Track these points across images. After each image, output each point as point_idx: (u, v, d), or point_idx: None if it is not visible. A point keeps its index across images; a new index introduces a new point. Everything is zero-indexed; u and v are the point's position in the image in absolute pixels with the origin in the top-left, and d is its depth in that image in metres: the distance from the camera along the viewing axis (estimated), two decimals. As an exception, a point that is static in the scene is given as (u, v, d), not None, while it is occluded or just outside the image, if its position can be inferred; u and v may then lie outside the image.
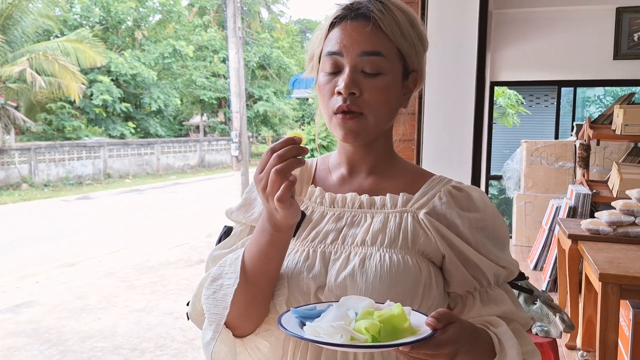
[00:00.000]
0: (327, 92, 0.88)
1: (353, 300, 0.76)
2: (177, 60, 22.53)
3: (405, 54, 0.90)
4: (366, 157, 0.95)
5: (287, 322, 0.74)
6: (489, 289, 0.90)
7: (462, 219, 0.88)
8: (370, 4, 0.88)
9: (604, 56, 5.68)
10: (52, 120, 18.90)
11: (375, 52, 0.86)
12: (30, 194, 14.51)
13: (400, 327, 0.69)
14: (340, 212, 0.92)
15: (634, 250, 2.82)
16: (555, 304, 2.19)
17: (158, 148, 20.47)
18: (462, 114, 2.38)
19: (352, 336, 0.68)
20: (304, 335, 0.70)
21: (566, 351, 3.21)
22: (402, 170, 0.97)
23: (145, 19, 23.23)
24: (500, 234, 0.92)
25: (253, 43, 23.43)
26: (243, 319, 0.87)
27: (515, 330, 0.87)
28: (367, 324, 0.68)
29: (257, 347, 0.89)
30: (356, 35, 0.86)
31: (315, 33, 0.95)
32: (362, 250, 0.87)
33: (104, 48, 18.46)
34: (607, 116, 4.38)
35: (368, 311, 0.71)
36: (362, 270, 0.84)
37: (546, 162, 5.77)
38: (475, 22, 2.34)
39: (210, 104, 24.47)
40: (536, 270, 4.94)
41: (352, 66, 0.86)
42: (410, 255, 0.86)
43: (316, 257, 0.88)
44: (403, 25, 0.88)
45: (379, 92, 0.87)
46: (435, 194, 0.91)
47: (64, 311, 5.43)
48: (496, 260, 0.89)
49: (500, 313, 0.88)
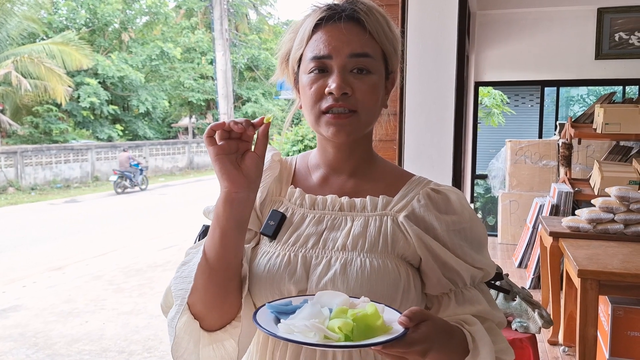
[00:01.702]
0: (315, 92, 0.88)
1: (328, 296, 0.77)
2: (164, 62, 22.45)
3: (388, 55, 0.92)
4: (347, 158, 0.95)
5: (262, 317, 0.74)
6: (464, 290, 0.91)
7: (439, 222, 0.89)
8: (353, 5, 0.89)
9: (586, 56, 5.76)
10: (38, 123, 18.76)
11: (364, 54, 0.87)
12: (17, 198, 14.39)
13: (373, 325, 0.70)
14: (320, 215, 0.92)
15: (612, 247, 2.88)
16: (534, 300, 2.23)
17: (146, 150, 20.38)
18: (442, 114, 2.41)
19: (325, 335, 0.68)
20: (277, 333, 0.70)
21: (548, 347, 3.26)
22: (382, 171, 0.98)
23: (132, 21, 23.14)
24: (478, 236, 0.92)
25: (241, 45, 23.39)
26: (207, 308, 0.87)
27: (489, 328, 0.89)
28: (340, 322, 0.69)
29: (222, 345, 0.89)
30: (344, 38, 0.87)
31: (289, 35, 0.94)
32: (343, 255, 0.87)
33: (90, 50, 18.38)
34: (588, 115, 4.45)
35: (342, 309, 0.72)
36: (343, 276, 0.85)
37: (530, 161, 5.83)
38: (455, 23, 2.38)
39: (198, 105, 24.40)
40: (521, 267, 5.00)
41: (341, 67, 0.86)
42: (390, 260, 0.87)
43: (297, 262, 0.88)
44: (385, 27, 0.90)
45: (369, 91, 0.88)
46: (414, 196, 0.92)
47: (51, 315, 5.41)
48: (472, 263, 0.90)
49: (475, 312, 0.89)
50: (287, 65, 0.96)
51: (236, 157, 0.82)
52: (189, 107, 24.74)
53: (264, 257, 0.91)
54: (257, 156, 0.83)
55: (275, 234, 0.92)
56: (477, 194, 7.32)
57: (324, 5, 0.91)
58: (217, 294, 0.86)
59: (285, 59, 0.96)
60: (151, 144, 20.93)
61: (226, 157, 0.81)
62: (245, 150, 0.83)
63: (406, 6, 2.33)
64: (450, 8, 2.37)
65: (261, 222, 0.95)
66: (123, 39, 22.44)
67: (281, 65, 0.97)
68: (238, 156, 0.82)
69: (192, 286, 0.85)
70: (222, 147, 0.81)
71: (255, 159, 0.83)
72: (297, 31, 0.93)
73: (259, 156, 0.84)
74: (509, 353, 0.90)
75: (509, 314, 2.21)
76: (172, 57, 22.32)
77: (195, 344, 0.88)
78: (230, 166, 0.81)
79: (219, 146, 0.81)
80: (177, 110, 25.57)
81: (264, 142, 0.84)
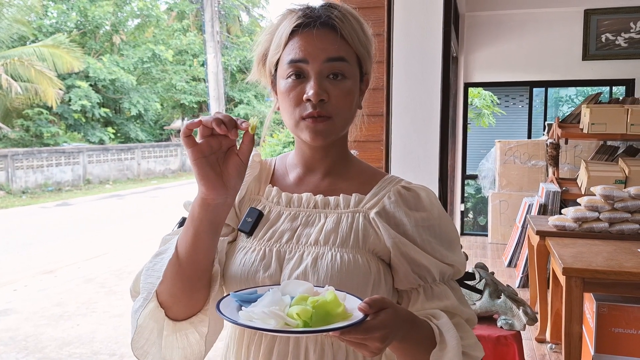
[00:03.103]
0: (294, 99, 0.90)
1: (293, 285, 0.79)
2: (156, 64, 22.39)
3: (362, 59, 0.94)
4: (323, 159, 0.98)
5: (225, 306, 0.76)
6: (433, 285, 0.93)
7: (408, 218, 0.92)
8: (328, 12, 0.91)
9: (573, 57, 5.83)
10: (29, 127, 18.64)
11: (339, 58, 0.90)
12: (8, 202, 14.30)
13: (333, 312, 0.71)
14: (295, 212, 0.95)
15: (597, 245, 2.92)
16: (519, 297, 2.26)
17: (139, 153, 20.31)
18: (428, 115, 2.44)
19: (285, 322, 0.70)
20: (237, 320, 0.72)
21: (536, 344, 3.30)
22: (356, 170, 1.01)
23: (124, 23, 23.06)
24: (447, 232, 0.95)
25: (233, 47, 23.38)
26: (173, 299, 0.88)
27: (457, 324, 0.90)
28: (299, 309, 0.70)
29: (186, 336, 0.91)
30: (320, 44, 0.89)
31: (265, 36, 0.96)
32: (315, 249, 0.90)
33: (81, 53, 18.28)
34: (575, 115, 4.50)
35: (302, 297, 0.74)
36: (314, 269, 0.88)
37: (519, 161, 5.89)
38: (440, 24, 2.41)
39: (191, 107, 24.36)
40: (510, 267, 5.05)
41: (317, 72, 0.89)
42: (361, 254, 0.90)
43: (272, 256, 0.91)
44: (358, 31, 0.93)
45: (344, 96, 0.91)
46: (386, 194, 0.95)
47: (41, 318, 5.39)
48: (442, 259, 0.92)
49: (443, 307, 0.91)
50: (263, 66, 0.98)
51: (217, 158, 0.81)
52: (181, 110, 24.69)
53: (240, 252, 0.94)
54: (241, 162, 0.82)
55: (252, 231, 0.95)
56: (467, 194, 7.37)
57: (299, 9, 0.93)
58: (184, 288, 0.88)
59: (261, 59, 0.98)
60: (143, 147, 20.85)
61: (205, 160, 0.79)
62: (229, 147, 0.82)
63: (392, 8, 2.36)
64: (435, 10, 2.40)
65: (239, 219, 0.98)
66: (114, 41, 22.36)
67: (257, 65, 0.99)
68: (220, 156, 0.81)
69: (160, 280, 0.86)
70: (202, 148, 0.79)
71: (238, 166, 0.82)
72: (274, 33, 0.95)
73: (243, 162, 0.82)
74: (477, 349, 0.92)
75: (494, 312, 2.25)
76: (163, 59, 22.26)
77: (159, 332, 0.89)
78: (210, 171, 0.80)
79: (199, 147, 0.78)
80: (169, 113, 25.51)
81: (249, 147, 0.83)
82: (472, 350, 0.90)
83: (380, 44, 2.29)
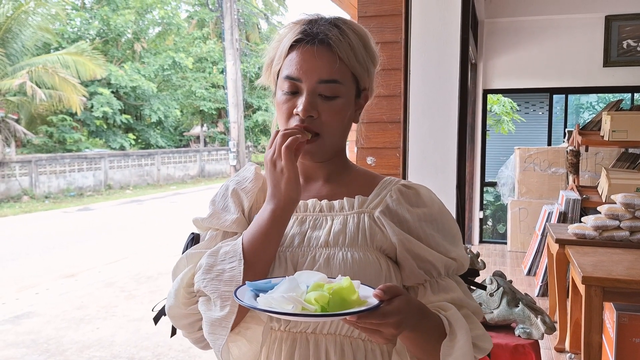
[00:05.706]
0: (286, 111, 0.95)
1: (306, 275, 0.81)
2: (176, 72, 22.67)
3: (359, 77, 0.98)
4: (322, 168, 1.02)
5: (242, 295, 0.78)
6: (439, 279, 0.95)
7: (411, 214, 0.95)
8: (327, 30, 0.94)
9: (594, 63, 5.76)
10: (52, 133, 19.00)
11: (332, 80, 0.93)
12: (31, 206, 14.56)
13: (348, 298, 0.73)
14: (302, 217, 0.98)
15: (618, 254, 2.87)
16: (537, 306, 2.24)
17: (158, 159, 20.55)
18: (446, 122, 2.44)
19: (302, 307, 0.72)
20: (256, 305, 0.74)
21: (555, 354, 3.26)
22: (355, 176, 1.04)
23: (145, 31, 23.41)
24: (449, 227, 0.98)
25: (252, 54, 23.57)
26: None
27: (466, 315, 0.92)
28: (317, 295, 0.73)
29: (237, 346, 0.92)
30: (314, 63, 0.93)
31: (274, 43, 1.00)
32: (326, 251, 0.93)
33: (103, 60, 18.58)
34: (595, 122, 4.45)
35: (318, 284, 0.76)
36: (327, 269, 0.90)
37: (539, 169, 5.83)
38: (458, 31, 2.41)
39: (210, 114, 24.59)
40: (530, 275, 4.99)
41: (310, 90, 0.93)
42: (370, 252, 0.93)
43: (286, 261, 0.94)
44: (357, 49, 0.96)
45: (335, 114, 0.95)
46: (387, 193, 0.98)
47: (62, 321, 5.47)
48: (446, 253, 0.94)
49: (450, 299, 0.93)
50: (270, 72, 1.02)
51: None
52: (201, 116, 24.93)
53: None
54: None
55: None
56: (486, 202, 7.31)
57: (304, 22, 0.97)
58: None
59: (269, 66, 1.02)
60: (163, 153, 21.10)
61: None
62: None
63: (409, 16, 2.37)
64: (453, 17, 2.40)
65: None
66: (136, 49, 22.70)
67: (266, 71, 1.03)
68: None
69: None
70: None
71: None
72: (280, 43, 0.98)
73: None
74: (486, 340, 0.94)
75: (512, 320, 2.23)
76: (184, 66, 22.53)
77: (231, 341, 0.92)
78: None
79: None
80: (188, 119, 25.79)
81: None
82: (481, 341, 0.93)
83: (398, 51, 2.30)
